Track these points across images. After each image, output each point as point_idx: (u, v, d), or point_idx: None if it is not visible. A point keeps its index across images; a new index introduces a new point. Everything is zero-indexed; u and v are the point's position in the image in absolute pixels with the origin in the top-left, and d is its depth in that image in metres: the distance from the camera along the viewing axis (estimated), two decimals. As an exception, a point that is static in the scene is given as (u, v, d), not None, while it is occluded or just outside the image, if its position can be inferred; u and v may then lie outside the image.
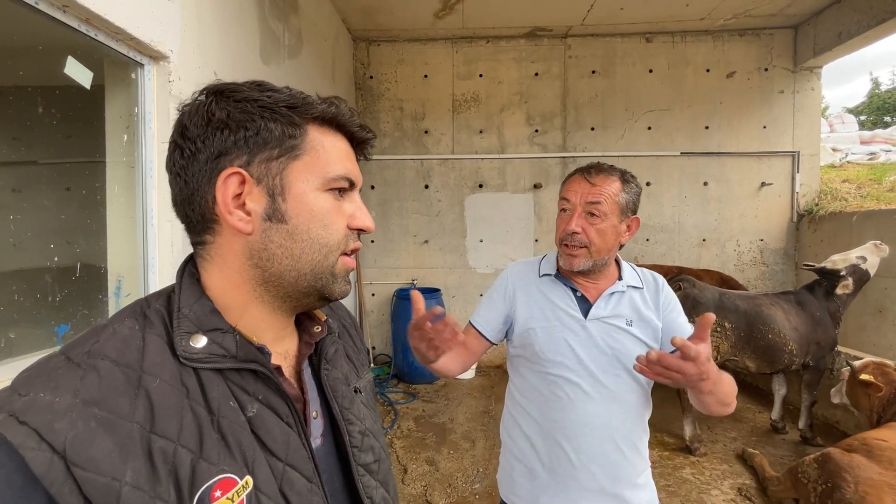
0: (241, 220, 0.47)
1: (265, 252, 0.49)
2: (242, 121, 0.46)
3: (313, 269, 0.50)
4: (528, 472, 1.09)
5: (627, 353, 1.04)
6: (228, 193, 0.47)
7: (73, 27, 1.35)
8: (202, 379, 0.44)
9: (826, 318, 2.88)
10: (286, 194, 0.48)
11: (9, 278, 1.50)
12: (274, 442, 0.46)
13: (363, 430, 0.58)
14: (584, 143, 4.57)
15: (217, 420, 0.43)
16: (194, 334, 0.45)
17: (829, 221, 4.11)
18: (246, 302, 0.50)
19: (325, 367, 0.57)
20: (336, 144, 0.52)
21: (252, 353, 0.47)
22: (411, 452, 2.92)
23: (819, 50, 4.14)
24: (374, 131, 0.57)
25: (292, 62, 2.96)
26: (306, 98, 0.50)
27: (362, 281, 4.61)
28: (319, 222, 0.50)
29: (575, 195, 1.05)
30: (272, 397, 0.48)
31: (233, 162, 0.47)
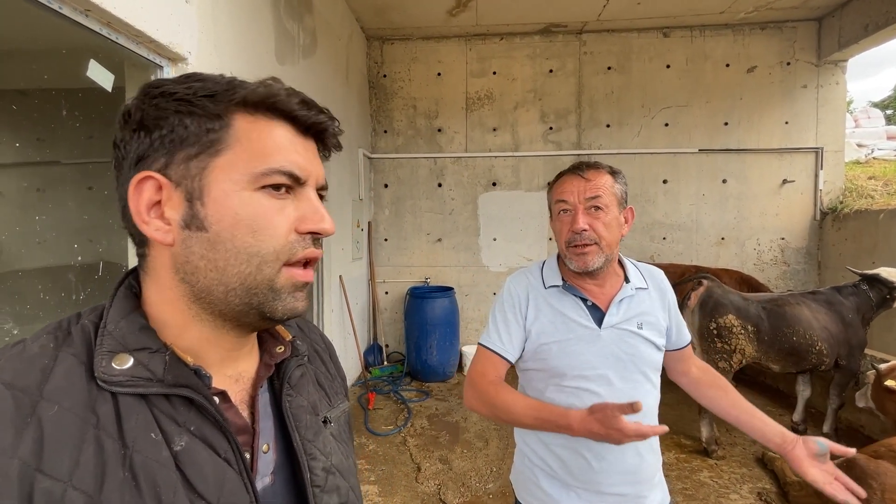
0: (157, 229, 0.42)
1: (188, 265, 0.43)
2: (157, 119, 0.41)
3: (243, 283, 0.43)
4: (550, 478, 1.08)
5: (641, 357, 1.04)
6: (141, 201, 0.42)
7: (95, 31, 1.38)
8: (120, 406, 0.38)
9: (856, 319, 2.81)
10: (205, 197, 0.42)
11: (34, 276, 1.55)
12: (203, 482, 0.40)
13: (328, 467, 0.50)
14: (599, 141, 4.51)
15: (130, 455, 0.37)
16: (119, 354, 0.40)
17: (855, 219, 3.99)
18: (184, 320, 0.44)
19: (288, 393, 0.50)
20: (273, 133, 0.44)
21: (184, 377, 0.41)
22: (424, 451, 2.92)
23: (844, 43, 4.02)
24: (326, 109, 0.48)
25: (307, 62, 2.98)
26: (231, 82, 0.43)
27: (375, 279, 4.63)
28: (246, 228, 0.42)
29: (572, 194, 1.04)
30: (207, 428, 0.42)
31: (150, 166, 0.42)
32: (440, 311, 4.12)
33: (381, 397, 3.79)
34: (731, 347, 2.77)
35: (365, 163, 4.41)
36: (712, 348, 2.82)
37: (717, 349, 2.80)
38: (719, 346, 2.79)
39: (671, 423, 1.13)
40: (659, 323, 1.07)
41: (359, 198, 4.24)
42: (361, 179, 4.28)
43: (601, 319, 1.05)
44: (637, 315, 1.06)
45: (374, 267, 4.63)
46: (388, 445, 3.00)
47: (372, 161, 4.66)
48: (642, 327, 1.06)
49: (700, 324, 2.88)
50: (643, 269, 1.15)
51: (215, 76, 0.44)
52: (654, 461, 1.07)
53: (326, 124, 0.48)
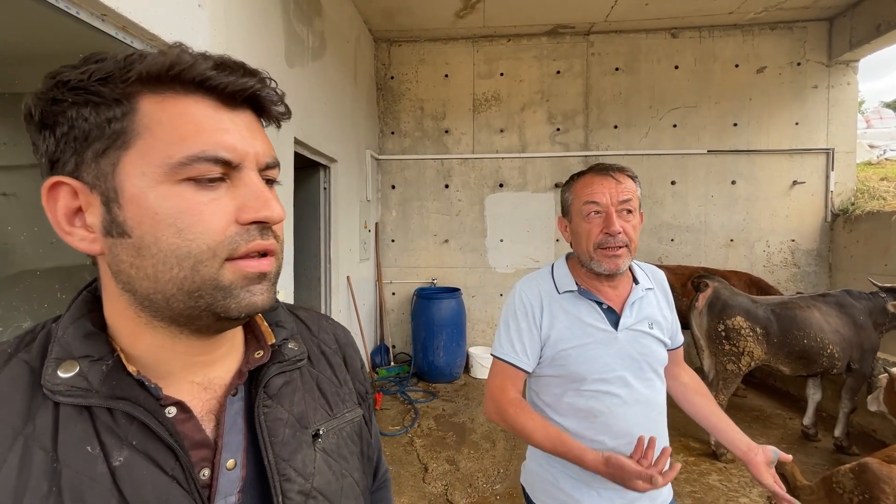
0: (82, 239, 0.38)
1: (121, 274, 0.38)
2: (55, 113, 0.36)
3: (181, 288, 0.38)
4: (571, 479, 1.08)
5: (654, 356, 1.07)
6: (58, 210, 0.38)
7: (111, 35, 1.40)
8: (60, 416, 0.36)
9: (868, 322, 2.77)
10: (120, 199, 0.37)
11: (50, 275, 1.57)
12: (141, 501, 0.36)
13: (306, 491, 0.44)
14: (606, 142, 4.50)
15: (59, 470, 0.34)
16: (65, 361, 0.37)
17: (866, 221, 3.94)
18: (135, 327, 0.41)
19: (265, 404, 0.45)
20: (187, 111, 0.37)
21: (122, 389, 0.38)
22: (432, 451, 2.93)
23: (856, 43, 3.97)
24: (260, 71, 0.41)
25: (316, 64, 3.00)
26: (129, 57, 0.36)
27: (382, 280, 4.65)
28: (170, 228, 0.37)
29: (604, 196, 1.03)
30: (150, 443, 0.38)
31: (62, 169, 0.37)
32: (447, 313, 4.13)
33: (388, 398, 3.80)
34: (739, 349, 2.75)
35: (372, 164, 4.43)
36: (720, 350, 2.80)
37: (725, 351, 2.78)
38: (727, 348, 2.77)
39: (679, 426, 1.14)
40: (665, 322, 1.11)
41: (366, 199, 4.26)
42: (369, 180, 4.30)
43: (616, 322, 1.07)
44: (648, 315, 1.09)
45: (381, 268, 4.65)
46: (395, 446, 3.01)
47: (379, 162, 4.68)
48: (653, 327, 1.08)
49: (708, 325, 2.86)
50: (647, 270, 1.17)
51: (115, 53, 0.37)
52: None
53: (256, 87, 0.40)
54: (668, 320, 1.12)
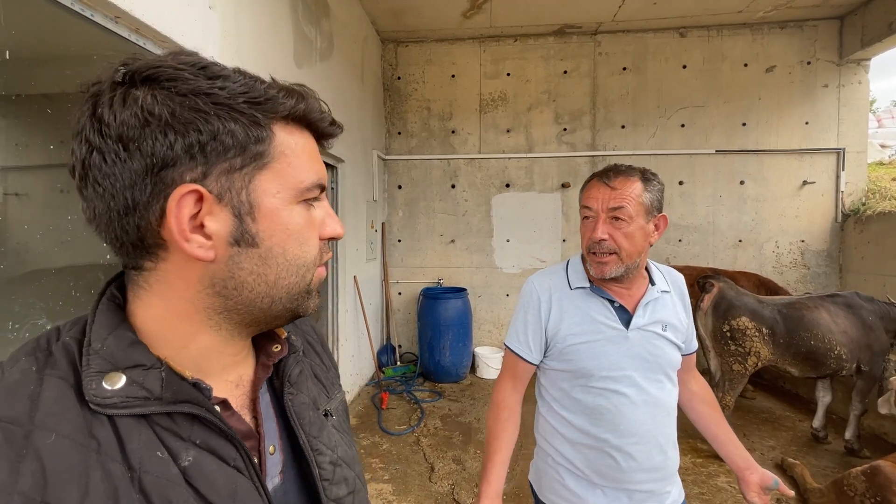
0: (200, 246, 0.39)
1: (232, 280, 0.41)
2: (192, 121, 0.37)
3: (289, 293, 0.44)
4: (576, 477, 1.09)
5: (666, 358, 1.06)
6: (184, 216, 0.38)
7: (124, 37, 1.42)
8: (119, 428, 0.36)
9: (878, 323, 2.74)
10: (255, 213, 0.40)
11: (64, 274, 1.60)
12: (216, 494, 0.38)
13: (335, 460, 0.50)
14: (613, 142, 4.48)
15: (139, 477, 0.36)
16: (109, 373, 0.37)
17: (878, 222, 3.89)
18: (194, 332, 0.42)
19: (290, 392, 0.49)
20: (305, 145, 0.43)
21: (184, 393, 0.40)
22: (438, 451, 2.93)
23: (867, 41, 3.93)
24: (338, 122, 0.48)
25: (323, 65, 3.02)
26: (267, 90, 0.40)
27: (389, 280, 4.66)
28: (296, 241, 0.43)
29: (596, 202, 1.03)
30: (213, 440, 0.40)
31: (184, 175, 0.37)
32: (453, 312, 4.13)
33: (394, 397, 3.81)
34: (745, 350, 2.73)
35: (379, 164, 4.45)
36: (726, 350, 2.78)
37: (730, 351, 2.76)
38: (733, 348, 2.75)
39: (688, 427, 1.14)
40: (681, 325, 1.10)
41: (373, 199, 4.28)
42: (375, 181, 4.32)
43: (628, 321, 1.06)
44: (662, 317, 1.08)
45: (387, 268, 4.66)
46: (401, 445, 3.02)
47: (386, 162, 4.70)
48: (666, 329, 1.07)
49: (713, 326, 2.85)
50: (665, 272, 1.15)
51: (232, 73, 0.39)
52: (675, 456, 1.10)
53: (336, 134, 0.48)
54: (683, 324, 1.11)
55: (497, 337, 4.66)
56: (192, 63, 0.39)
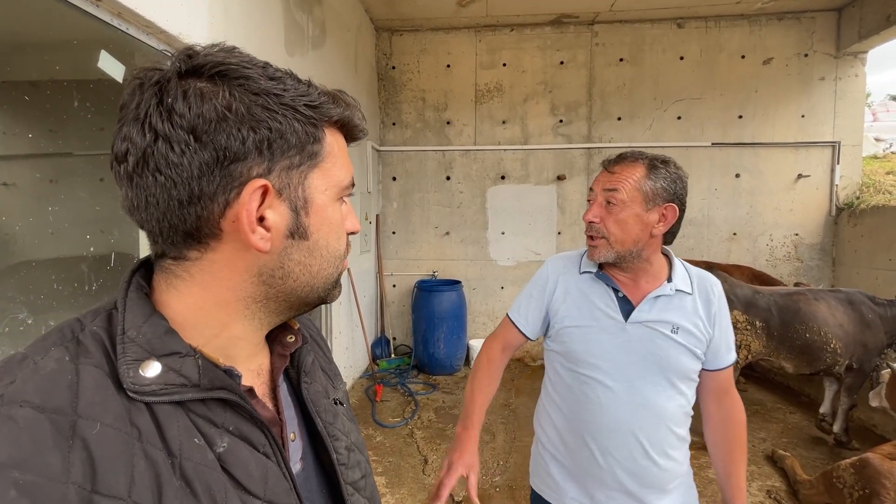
0: (262, 238, 0.41)
1: (281, 270, 0.43)
2: (264, 119, 0.39)
3: (326, 282, 0.48)
4: (558, 465, 1.09)
5: (669, 361, 1.00)
6: (253, 209, 0.40)
7: (106, 21, 1.38)
8: (157, 415, 0.37)
9: (877, 322, 2.74)
10: (309, 207, 0.43)
11: (47, 266, 1.56)
12: (250, 479, 0.40)
13: (349, 446, 0.53)
14: (609, 134, 4.45)
15: (180, 463, 0.36)
16: (145, 361, 0.38)
17: (871, 216, 3.91)
18: (229, 321, 0.44)
19: (305, 380, 0.52)
20: (343, 147, 0.48)
21: (219, 379, 0.40)
22: (431, 443, 2.94)
23: (865, 34, 3.91)
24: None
25: (316, 53, 2.96)
26: (320, 95, 0.44)
27: (383, 272, 4.64)
28: (335, 235, 0.47)
29: (598, 184, 1.02)
30: (245, 426, 0.41)
31: (251, 170, 0.39)
32: (448, 305, 4.12)
33: (388, 389, 3.81)
34: (736, 343, 2.74)
35: (373, 155, 4.40)
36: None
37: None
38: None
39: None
40: (697, 331, 1.01)
41: (367, 190, 4.24)
42: (370, 172, 4.28)
43: (630, 313, 1.02)
44: (672, 318, 1.01)
45: (381, 260, 4.63)
46: (395, 437, 3.02)
47: (380, 154, 4.65)
48: (677, 332, 1.00)
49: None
50: (694, 274, 1.07)
51: (286, 77, 0.42)
52: (670, 468, 1.03)
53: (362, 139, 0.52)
54: (701, 332, 1.01)
55: (492, 329, 4.64)
56: (253, 62, 0.41)
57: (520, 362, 4.55)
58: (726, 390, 1.09)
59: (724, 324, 1.05)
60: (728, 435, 1.11)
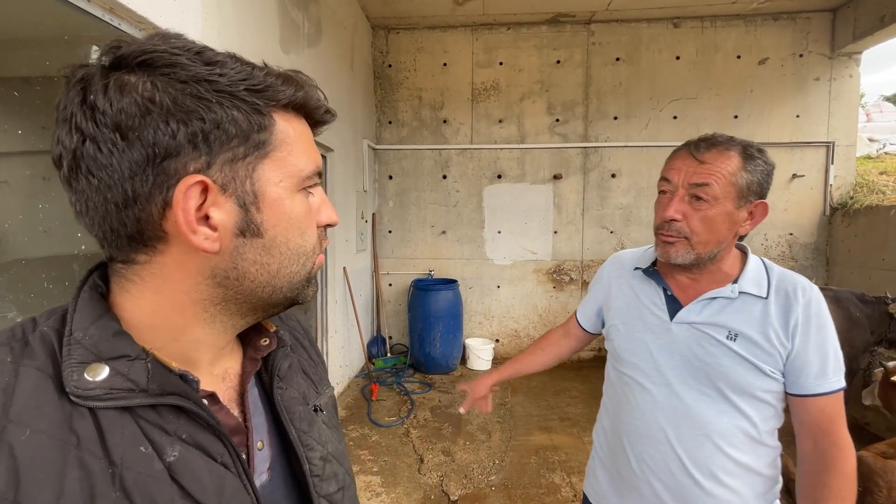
0: (206, 238, 0.38)
1: (234, 271, 0.40)
2: (195, 109, 0.36)
3: (290, 281, 0.44)
4: (604, 469, 1.06)
5: (722, 370, 0.86)
6: (191, 208, 0.37)
7: (98, 16, 1.36)
8: (101, 422, 0.35)
9: (864, 320, 2.76)
10: (260, 202, 0.40)
11: (38, 265, 1.54)
12: (202, 490, 0.37)
13: (325, 456, 0.50)
14: (606, 133, 4.46)
15: (120, 473, 0.34)
16: (92, 364, 0.35)
17: (865, 215, 3.93)
18: (186, 324, 0.41)
19: (279, 386, 0.49)
20: (303, 133, 0.43)
21: (170, 385, 0.38)
22: (427, 442, 2.93)
23: (859, 34, 3.93)
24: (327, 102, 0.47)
25: (311, 51, 2.95)
26: (266, 77, 0.39)
27: (380, 271, 4.63)
28: (297, 230, 0.43)
29: (678, 174, 0.87)
30: (200, 434, 0.39)
31: (188, 166, 0.36)
32: (444, 304, 4.12)
33: (384, 389, 3.80)
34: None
35: (369, 154, 4.38)
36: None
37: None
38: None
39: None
40: (766, 342, 0.85)
41: (363, 189, 4.22)
42: (366, 171, 4.26)
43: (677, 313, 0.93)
44: (730, 323, 0.87)
45: (377, 259, 4.62)
46: (390, 437, 3.01)
47: (376, 152, 4.63)
48: (735, 339, 0.86)
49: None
50: (777, 278, 0.90)
51: (229, 60, 0.38)
52: (722, 496, 0.88)
53: (330, 122, 0.47)
54: (774, 345, 0.84)
55: (488, 328, 4.66)
56: (186, 48, 0.37)
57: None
58: (824, 429, 0.85)
59: (816, 339, 0.84)
60: (819, 489, 0.84)
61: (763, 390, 0.86)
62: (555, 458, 2.71)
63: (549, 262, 4.58)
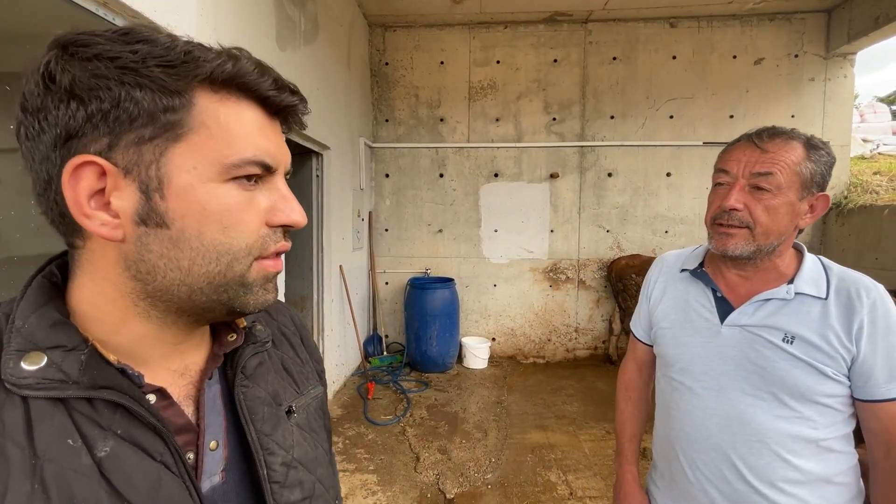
0: (103, 224, 0.36)
1: (143, 263, 0.38)
2: (94, 88, 0.34)
3: (211, 283, 0.39)
4: (658, 475, 1.04)
5: (778, 374, 0.82)
6: (81, 190, 0.35)
7: (91, 11, 1.34)
8: (31, 411, 0.34)
9: None
10: (165, 189, 0.36)
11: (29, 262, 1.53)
12: (133, 490, 0.36)
13: (288, 462, 0.47)
14: (602, 132, 4.47)
15: (41, 465, 0.33)
16: (30, 353, 0.35)
17: (858, 215, 3.96)
18: (123, 317, 0.40)
19: (243, 384, 0.47)
20: (241, 115, 0.39)
21: (104, 378, 0.37)
22: (423, 441, 2.93)
23: (854, 35, 3.95)
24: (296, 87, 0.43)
25: (308, 48, 2.93)
26: (192, 52, 0.36)
27: (376, 270, 4.62)
28: (217, 224, 0.38)
29: (737, 164, 0.84)
30: (137, 431, 0.37)
31: (88, 147, 0.35)
32: (440, 303, 4.11)
33: (380, 387, 3.79)
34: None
35: (366, 152, 4.37)
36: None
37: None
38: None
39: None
40: (827, 345, 0.81)
41: (359, 187, 4.21)
42: (362, 169, 4.25)
43: (728, 315, 0.89)
44: (786, 325, 0.83)
45: (374, 257, 4.61)
46: (387, 435, 3.01)
47: (373, 150, 4.62)
48: (791, 342, 0.82)
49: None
50: (838, 277, 0.85)
51: (161, 37, 0.35)
52: (784, 503, 0.83)
53: (298, 108, 0.43)
54: (835, 348, 0.80)
55: (484, 327, 4.66)
56: (116, 30, 0.35)
57: (512, 360, 4.56)
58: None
59: (885, 342, 0.79)
60: None
61: (825, 395, 0.81)
62: (551, 456, 2.72)
63: (545, 261, 4.59)
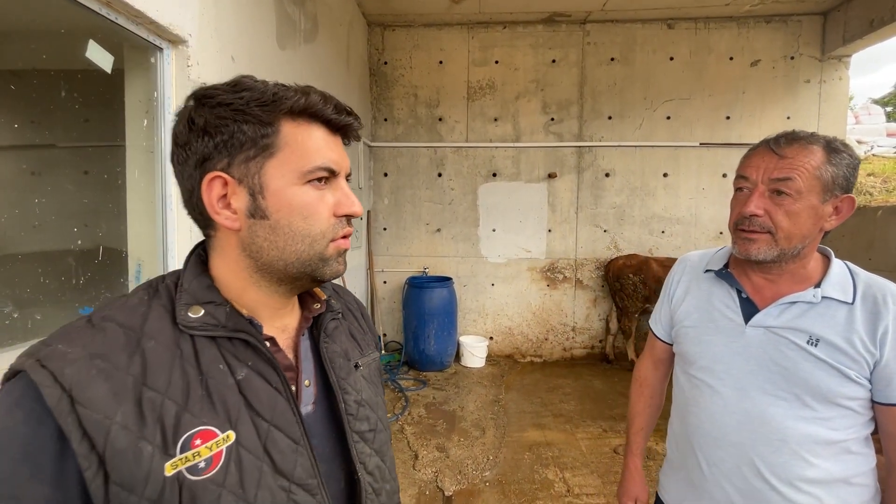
0: (227, 218, 0.52)
1: (253, 245, 0.53)
2: (218, 126, 0.50)
3: (299, 258, 0.54)
4: (674, 471, 1.04)
5: (802, 376, 0.83)
6: (213, 196, 0.52)
7: (94, 10, 1.35)
8: (196, 345, 0.50)
9: None
10: (265, 192, 0.52)
11: (33, 260, 1.53)
12: (260, 403, 0.51)
13: (359, 400, 0.61)
14: (600, 133, 4.49)
15: (205, 380, 0.49)
16: (193, 306, 0.51)
17: (852, 216, 3.94)
18: (244, 286, 0.56)
19: (325, 340, 0.62)
20: (312, 135, 0.53)
21: (241, 325, 0.53)
22: (422, 439, 2.95)
23: (849, 38, 3.99)
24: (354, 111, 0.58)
25: (308, 47, 2.94)
26: (277, 93, 0.51)
27: (374, 269, 4.63)
28: (299, 215, 0.53)
29: (756, 171, 0.86)
30: (261, 364, 0.52)
31: (215, 166, 0.51)
32: (438, 302, 4.13)
33: (378, 386, 3.80)
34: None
35: (365, 151, 4.38)
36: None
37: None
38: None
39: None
40: (851, 348, 0.81)
41: (358, 186, 4.22)
42: (361, 168, 4.25)
43: (753, 316, 0.90)
44: (811, 328, 0.84)
45: (372, 256, 4.62)
46: (385, 433, 3.02)
47: (372, 149, 4.63)
48: (816, 345, 0.83)
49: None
50: (865, 283, 0.86)
51: (258, 84, 0.51)
52: (801, 501, 0.84)
53: (354, 125, 0.57)
54: (859, 351, 0.81)
55: (482, 326, 4.68)
56: (229, 83, 0.52)
57: (509, 359, 4.58)
58: None
59: None
60: None
61: (846, 397, 0.82)
62: (548, 454, 2.74)
63: (543, 261, 4.61)
